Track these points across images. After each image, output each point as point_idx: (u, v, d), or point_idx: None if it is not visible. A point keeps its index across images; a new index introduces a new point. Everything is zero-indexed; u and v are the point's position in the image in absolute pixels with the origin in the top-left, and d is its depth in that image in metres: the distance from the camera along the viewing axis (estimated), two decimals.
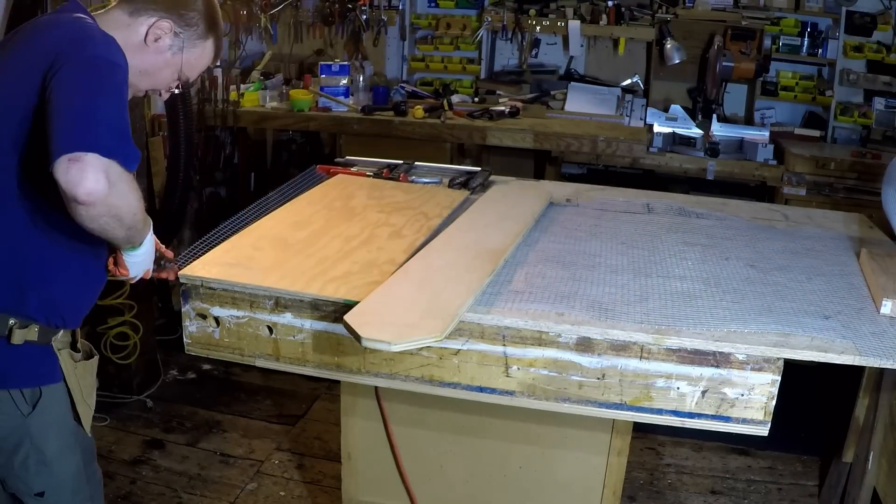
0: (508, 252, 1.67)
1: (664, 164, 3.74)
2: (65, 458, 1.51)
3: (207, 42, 1.50)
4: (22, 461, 1.46)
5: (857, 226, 2.15)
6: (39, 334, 1.39)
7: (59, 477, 1.51)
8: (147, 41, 1.43)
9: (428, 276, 1.49)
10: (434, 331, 1.28)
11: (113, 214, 1.25)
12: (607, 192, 2.34)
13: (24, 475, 1.47)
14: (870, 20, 3.92)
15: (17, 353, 1.37)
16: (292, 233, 1.72)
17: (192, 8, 1.46)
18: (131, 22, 1.43)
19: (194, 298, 1.51)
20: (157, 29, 1.42)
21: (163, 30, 1.43)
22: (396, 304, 1.37)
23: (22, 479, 1.47)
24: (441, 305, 1.37)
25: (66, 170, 1.16)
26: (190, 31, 1.46)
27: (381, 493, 2.13)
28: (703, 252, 1.81)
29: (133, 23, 1.42)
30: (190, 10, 1.45)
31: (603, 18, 4.05)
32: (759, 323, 1.41)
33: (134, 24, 1.42)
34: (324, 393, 3.15)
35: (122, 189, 1.24)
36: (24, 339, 1.37)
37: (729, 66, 3.84)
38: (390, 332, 1.26)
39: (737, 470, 2.79)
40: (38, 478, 1.48)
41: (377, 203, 1.98)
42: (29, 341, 1.38)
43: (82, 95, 1.24)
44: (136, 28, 1.42)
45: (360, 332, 1.25)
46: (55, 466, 1.49)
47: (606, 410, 1.41)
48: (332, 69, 3.82)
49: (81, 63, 1.27)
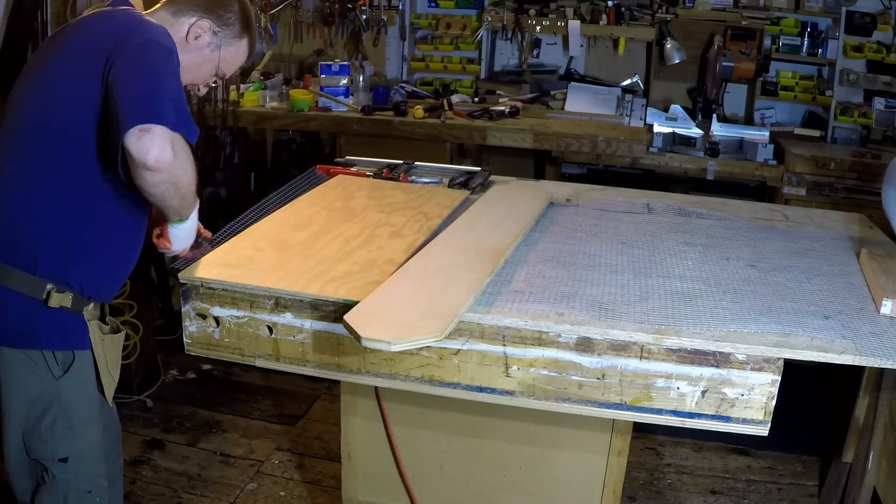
0: (508, 252, 1.67)
1: (664, 164, 3.74)
2: (89, 426, 1.59)
3: (243, 41, 1.64)
4: (49, 425, 1.53)
5: (857, 226, 2.15)
6: (73, 302, 1.48)
7: (83, 444, 1.58)
8: (188, 39, 1.56)
9: (428, 276, 1.49)
10: (434, 331, 1.28)
11: (173, 182, 1.38)
12: (607, 192, 2.34)
13: (49, 439, 1.53)
14: (870, 20, 3.92)
15: (53, 317, 1.47)
16: (292, 233, 1.72)
17: (229, 9, 1.60)
18: (174, 21, 1.56)
19: (194, 298, 1.51)
20: (197, 28, 1.56)
21: (203, 28, 1.57)
22: (396, 304, 1.37)
23: (47, 443, 1.54)
24: (441, 305, 1.37)
25: (138, 139, 1.30)
26: (227, 30, 1.60)
27: (381, 493, 2.13)
28: (703, 252, 1.81)
29: (176, 22, 1.56)
30: (227, 11, 1.59)
31: (603, 18, 4.05)
32: (759, 323, 1.41)
33: (177, 24, 1.56)
34: (324, 393, 3.15)
35: (184, 160, 1.38)
36: (59, 304, 1.46)
37: (729, 66, 3.84)
38: (390, 331, 1.26)
39: (737, 470, 2.79)
40: (62, 443, 1.55)
41: (377, 203, 1.97)
42: (63, 307, 1.47)
43: (147, 74, 1.38)
44: (179, 27, 1.56)
45: (360, 332, 1.25)
46: (80, 433, 1.56)
47: (606, 410, 1.41)
48: (332, 69, 3.82)
49: (141, 46, 1.41)
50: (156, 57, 1.41)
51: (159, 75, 1.39)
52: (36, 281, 1.45)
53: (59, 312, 1.47)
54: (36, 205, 1.45)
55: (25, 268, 1.45)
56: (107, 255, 1.54)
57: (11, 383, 1.51)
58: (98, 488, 1.62)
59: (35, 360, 1.50)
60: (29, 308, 1.46)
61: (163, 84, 1.38)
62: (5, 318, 1.47)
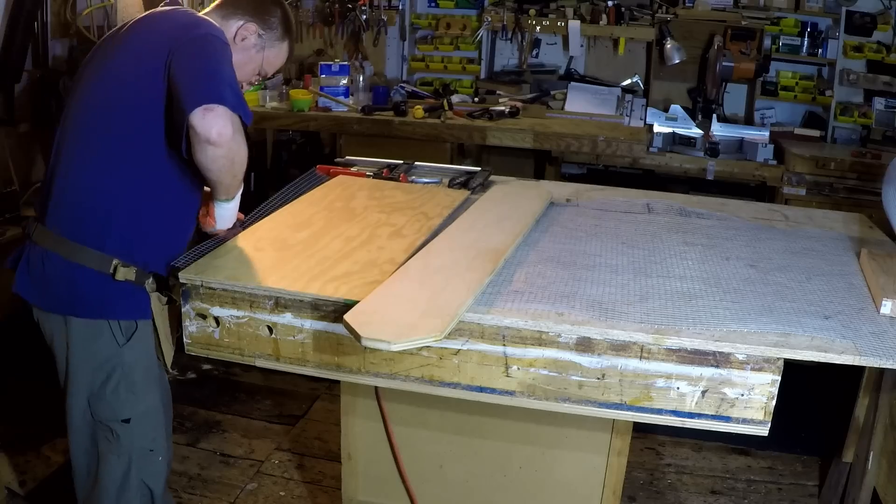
0: (508, 252, 1.67)
1: (664, 164, 3.75)
2: (149, 389, 1.72)
3: (284, 43, 1.78)
4: (113, 388, 1.67)
5: (857, 226, 2.15)
6: (136, 275, 1.62)
7: (144, 406, 1.72)
8: (236, 40, 1.70)
9: (428, 276, 1.49)
10: (434, 330, 1.28)
11: (230, 158, 1.53)
12: (607, 192, 2.34)
13: (113, 401, 1.68)
14: (870, 20, 3.92)
15: (119, 289, 1.61)
16: (293, 233, 1.72)
17: (272, 14, 1.75)
18: (224, 23, 1.70)
19: (194, 298, 1.51)
20: (244, 30, 1.71)
21: (249, 31, 1.72)
22: (396, 303, 1.37)
23: (111, 405, 1.68)
24: (441, 305, 1.37)
25: (202, 116, 1.45)
26: (271, 33, 1.75)
27: (381, 493, 2.13)
28: (704, 252, 1.81)
29: (225, 24, 1.70)
30: (271, 16, 1.75)
31: (603, 18, 4.05)
32: (759, 323, 1.41)
33: (226, 25, 1.70)
34: (324, 393, 3.15)
35: (240, 138, 1.52)
36: (125, 277, 1.60)
37: (729, 66, 3.84)
38: (390, 331, 1.26)
39: (737, 470, 2.79)
40: (125, 405, 1.69)
41: (378, 203, 1.97)
42: (128, 280, 1.61)
43: (207, 60, 1.53)
44: (228, 28, 1.70)
45: (360, 332, 1.25)
46: (140, 396, 1.70)
47: (606, 410, 1.41)
48: (332, 69, 3.82)
49: (201, 38, 1.57)
50: (214, 47, 1.57)
51: (218, 63, 1.55)
52: (104, 257, 1.59)
53: (124, 285, 1.60)
54: (104, 187, 1.59)
55: (94, 245, 1.59)
56: (166, 233, 1.67)
57: (78, 351, 1.65)
58: (158, 447, 1.78)
59: (101, 329, 1.64)
60: (97, 281, 1.60)
61: (221, 70, 1.53)
62: (75, 290, 1.61)
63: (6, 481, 2.41)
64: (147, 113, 1.57)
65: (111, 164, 1.59)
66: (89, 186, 1.60)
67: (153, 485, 1.78)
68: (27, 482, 2.45)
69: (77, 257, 1.59)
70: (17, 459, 2.53)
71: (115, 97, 1.59)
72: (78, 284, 1.60)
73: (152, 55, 1.55)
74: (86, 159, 1.60)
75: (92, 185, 1.60)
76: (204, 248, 1.64)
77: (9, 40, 2.57)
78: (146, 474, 1.76)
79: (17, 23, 2.57)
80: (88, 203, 1.60)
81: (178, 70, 1.51)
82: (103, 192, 1.60)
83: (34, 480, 2.47)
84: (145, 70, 1.56)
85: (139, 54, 1.58)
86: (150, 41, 1.59)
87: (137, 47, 1.60)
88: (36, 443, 2.63)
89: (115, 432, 1.70)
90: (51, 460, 2.58)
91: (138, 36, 1.61)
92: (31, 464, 2.53)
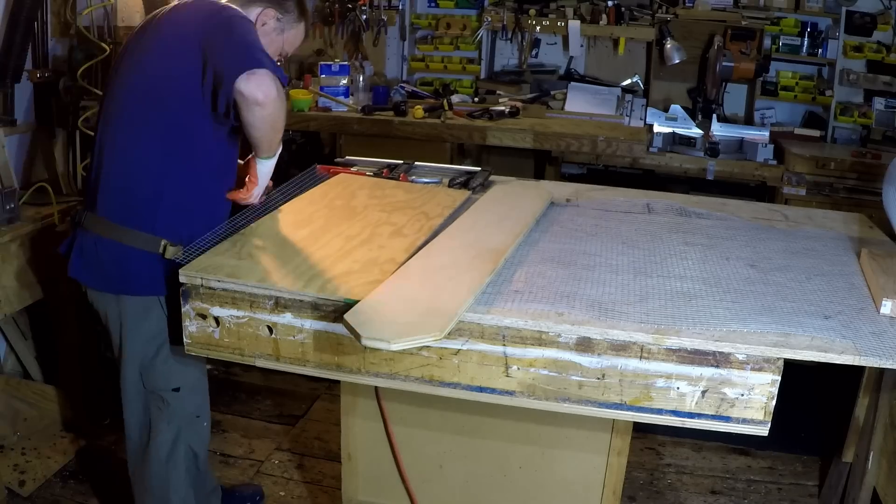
0: (509, 252, 1.67)
1: (664, 164, 3.74)
2: (196, 359, 1.83)
3: (301, 24, 1.95)
4: (164, 360, 1.83)
5: (857, 226, 2.15)
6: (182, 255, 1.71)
7: (191, 376, 1.89)
8: (257, 25, 1.84)
9: (428, 276, 1.49)
10: (433, 330, 1.28)
11: (276, 116, 1.69)
12: (607, 192, 2.34)
13: (164, 372, 1.84)
14: (870, 20, 3.92)
15: (168, 267, 1.70)
16: (293, 232, 1.73)
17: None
18: (245, 11, 1.83)
19: (194, 298, 1.51)
20: (264, 16, 1.86)
21: (269, 16, 1.87)
22: (396, 303, 1.37)
23: (162, 375, 1.84)
24: (441, 305, 1.37)
25: (247, 80, 1.59)
26: (288, 16, 1.90)
27: (381, 493, 2.13)
28: (704, 252, 1.81)
29: (246, 11, 1.83)
30: (287, 0, 1.90)
31: (603, 18, 4.05)
32: (759, 323, 1.41)
33: (247, 13, 1.83)
34: (324, 393, 3.15)
35: (282, 99, 1.69)
36: (173, 256, 1.70)
37: (729, 66, 3.84)
38: (390, 331, 1.26)
39: (737, 470, 2.79)
40: (175, 375, 1.85)
41: (378, 202, 1.98)
42: (176, 258, 1.69)
43: (240, 35, 1.69)
44: (249, 15, 1.83)
45: (360, 331, 1.25)
46: (188, 366, 1.85)
47: (606, 410, 1.41)
48: (332, 69, 3.82)
49: (230, 18, 1.72)
50: (243, 25, 1.73)
51: (250, 35, 1.71)
52: (154, 238, 1.73)
53: (172, 263, 1.68)
54: (151, 172, 1.73)
55: (144, 228, 1.73)
56: (208, 212, 1.81)
57: (131, 326, 1.80)
58: (204, 413, 1.97)
59: (152, 305, 1.78)
60: (147, 261, 1.73)
61: (254, 41, 1.70)
62: (127, 271, 1.75)
63: (6, 481, 2.41)
64: (186, 97, 1.70)
65: (155, 150, 1.72)
66: (137, 172, 1.73)
67: (198, 449, 1.97)
68: (27, 482, 2.45)
69: (128, 240, 1.73)
70: (18, 459, 2.53)
71: (154, 86, 1.71)
72: (130, 265, 1.75)
73: (186, 42, 1.69)
74: (131, 148, 1.73)
75: (139, 170, 1.73)
76: (204, 242, 1.65)
77: (9, 40, 2.57)
78: (193, 440, 1.94)
79: (17, 23, 2.56)
80: (137, 188, 1.74)
81: (214, 48, 1.65)
82: (150, 177, 1.73)
83: (34, 480, 2.47)
84: (181, 57, 1.69)
85: (173, 43, 1.72)
86: (182, 29, 1.72)
87: (171, 37, 1.73)
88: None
89: (165, 401, 1.86)
90: (51, 460, 2.58)
91: (171, 26, 1.75)
92: (31, 464, 2.53)
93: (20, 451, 2.57)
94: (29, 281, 2.46)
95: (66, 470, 2.58)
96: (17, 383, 2.75)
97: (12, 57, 2.59)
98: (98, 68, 2.74)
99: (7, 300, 2.39)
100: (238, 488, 2.50)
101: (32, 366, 2.85)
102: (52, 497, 2.44)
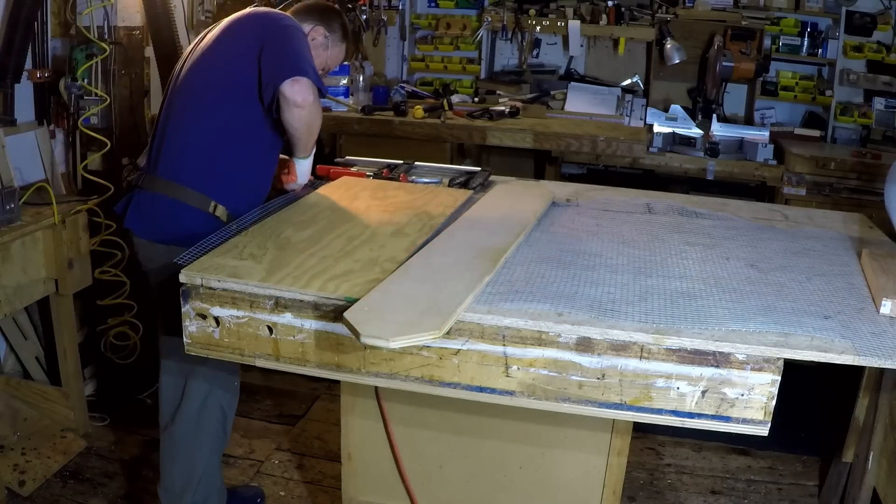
0: (509, 251, 1.67)
1: (664, 164, 3.75)
2: None
3: (343, 45, 2.21)
4: None
5: (857, 226, 2.15)
6: (227, 217, 1.95)
7: None
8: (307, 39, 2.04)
9: (428, 275, 1.49)
10: (432, 328, 1.28)
11: (311, 119, 1.95)
12: (607, 192, 2.34)
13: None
14: (870, 20, 3.92)
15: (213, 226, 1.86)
16: (295, 232, 1.73)
17: (335, 21, 2.18)
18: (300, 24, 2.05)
19: (194, 298, 1.51)
20: (314, 32, 2.13)
21: (318, 33, 2.13)
22: (396, 301, 1.37)
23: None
24: (440, 304, 1.37)
25: (291, 85, 1.86)
26: (334, 35, 2.16)
27: (381, 493, 2.13)
28: (704, 252, 1.81)
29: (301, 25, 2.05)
30: (334, 21, 2.18)
31: (603, 18, 4.05)
32: (759, 323, 1.41)
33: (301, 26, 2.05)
34: (324, 393, 3.15)
35: (318, 105, 1.96)
36: (221, 215, 1.95)
37: (729, 66, 3.84)
38: (389, 329, 1.26)
39: (737, 470, 2.79)
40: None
41: (381, 203, 1.98)
42: (220, 218, 1.94)
43: (292, 44, 1.93)
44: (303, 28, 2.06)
45: (359, 329, 1.25)
46: None
47: (606, 410, 1.40)
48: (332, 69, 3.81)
49: (285, 28, 1.97)
50: (297, 36, 1.97)
51: (301, 46, 1.95)
52: (206, 198, 1.94)
53: (216, 223, 1.91)
54: (209, 142, 1.96)
55: (198, 188, 1.94)
56: (252, 185, 2.03)
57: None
58: (235, 372, 2.10)
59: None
60: (198, 218, 1.93)
61: (304, 52, 1.95)
62: (179, 224, 1.94)
63: (6, 481, 2.41)
64: (242, 87, 1.93)
65: (214, 127, 1.95)
66: (196, 143, 1.96)
67: (227, 407, 2.10)
68: (27, 482, 2.45)
69: (182, 197, 1.93)
70: (18, 459, 2.53)
71: (217, 74, 1.96)
72: (182, 219, 1.94)
73: (248, 41, 1.94)
74: (194, 123, 1.96)
75: (198, 142, 1.96)
76: (209, 243, 1.66)
77: (9, 40, 2.57)
78: (224, 399, 2.08)
79: (17, 23, 2.56)
80: (195, 156, 1.96)
81: (270, 51, 1.90)
82: (207, 148, 1.95)
83: (34, 480, 2.47)
84: (242, 52, 1.93)
85: (238, 40, 1.97)
86: (246, 31, 1.98)
87: (236, 35, 1.99)
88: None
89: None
90: (51, 460, 2.58)
91: (237, 26, 2.00)
92: (31, 464, 2.53)
93: (20, 451, 2.57)
94: (29, 281, 2.47)
95: (66, 470, 2.58)
96: (17, 383, 2.76)
97: (12, 57, 2.59)
98: (98, 68, 2.74)
99: (7, 300, 2.39)
100: (239, 489, 2.50)
101: (32, 366, 2.85)
102: (52, 497, 2.44)
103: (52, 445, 2.63)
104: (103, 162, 2.84)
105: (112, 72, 2.79)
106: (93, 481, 2.54)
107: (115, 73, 2.80)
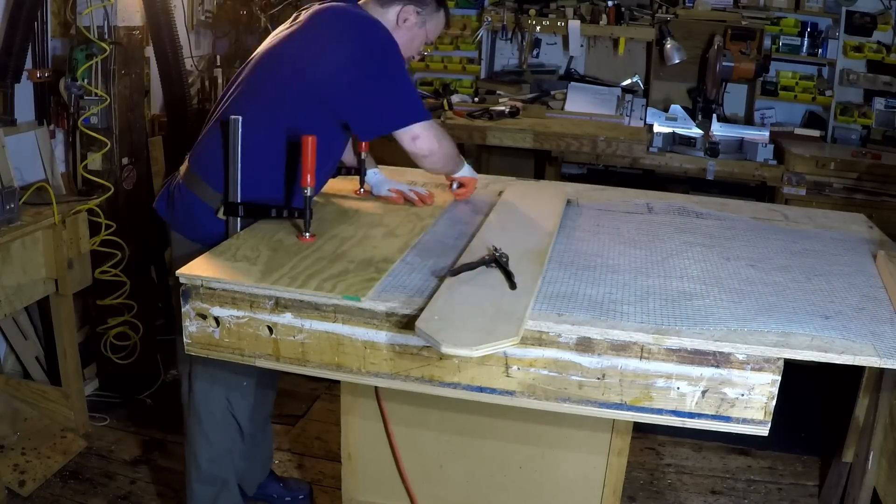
0: (549, 251, 1.69)
1: (664, 164, 3.75)
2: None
3: (440, 13, 2.01)
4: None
5: (857, 226, 2.15)
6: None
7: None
8: (399, 23, 1.93)
9: (479, 280, 1.50)
10: (510, 335, 1.29)
11: (443, 158, 1.94)
12: (608, 193, 2.34)
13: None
14: (870, 20, 3.92)
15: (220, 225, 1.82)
16: (287, 235, 1.74)
17: None
18: (383, 11, 1.93)
19: (194, 298, 1.51)
20: (404, 13, 1.94)
21: (408, 13, 1.94)
22: (462, 309, 1.37)
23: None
24: (506, 309, 1.37)
25: (412, 142, 1.84)
26: (427, 8, 1.97)
27: (381, 493, 2.13)
28: (704, 252, 1.81)
29: (385, 11, 1.93)
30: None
31: (603, 18, 4.05)
32: (759, 323, 1.41)
33: (386, 13, 1.93)
34: (324, 393, 3.14)
35: (441, 139, 1.90)
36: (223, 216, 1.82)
37: (729, 66, 3.84)
38: (468, 337, 1.27)
39: (737, 470, 2.79)
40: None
41: (371, 205, 2.01)
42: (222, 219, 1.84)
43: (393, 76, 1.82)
44: (389, 15, 1.93)
45: (438, 338, 1.25)
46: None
47: (606, 410, 1.40)
48: None
49: (375, 48, 1.81)
50: (390, 53, 1.83)
51: (398, 75, 1.84)
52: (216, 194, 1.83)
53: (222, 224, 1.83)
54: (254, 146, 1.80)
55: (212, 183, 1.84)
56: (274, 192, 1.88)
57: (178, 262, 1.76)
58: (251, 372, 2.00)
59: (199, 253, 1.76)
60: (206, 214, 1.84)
61: (404, 82, 1.85)
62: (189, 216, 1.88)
63: (6, 481, 2.41)
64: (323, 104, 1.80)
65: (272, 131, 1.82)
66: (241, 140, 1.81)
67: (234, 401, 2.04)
68: (27, 482, 2.45)
69: (197, 190, 1.87)
70: (18, 459, 2.53)
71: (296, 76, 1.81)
72: (193, 211, 1.87)
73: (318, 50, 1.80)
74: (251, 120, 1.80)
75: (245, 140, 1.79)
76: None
77: (9, 40, 2.56)
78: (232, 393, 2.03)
79: (17, 23, 2.56)
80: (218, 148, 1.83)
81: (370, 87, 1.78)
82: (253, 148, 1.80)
83: (34, 480, 2.47)
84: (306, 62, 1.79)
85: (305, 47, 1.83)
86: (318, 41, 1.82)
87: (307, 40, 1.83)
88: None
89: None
90: (51, 460, 2.58)
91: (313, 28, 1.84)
92: (31, 464, 2.53)
93: (20, 451, 2.57)
94: (29, 281, 2.47)
95: (66, 470, 2.58)
96: (17, 383, 2.76)
97: (12, 57, 2.59)
98: (98, 68, 2.74)
99: (7, 300, 2.39)
100: (288, 480, 2.54)
101: (32, 366, 2.85)
102: (52, 497, 2.44)
103: (52, 445, 2.63)
104: (103, 162, 2.84)
105: (112, 72, 2.79)
106: (93, 481, 2.54)
107: (115, 72, 2.79)
